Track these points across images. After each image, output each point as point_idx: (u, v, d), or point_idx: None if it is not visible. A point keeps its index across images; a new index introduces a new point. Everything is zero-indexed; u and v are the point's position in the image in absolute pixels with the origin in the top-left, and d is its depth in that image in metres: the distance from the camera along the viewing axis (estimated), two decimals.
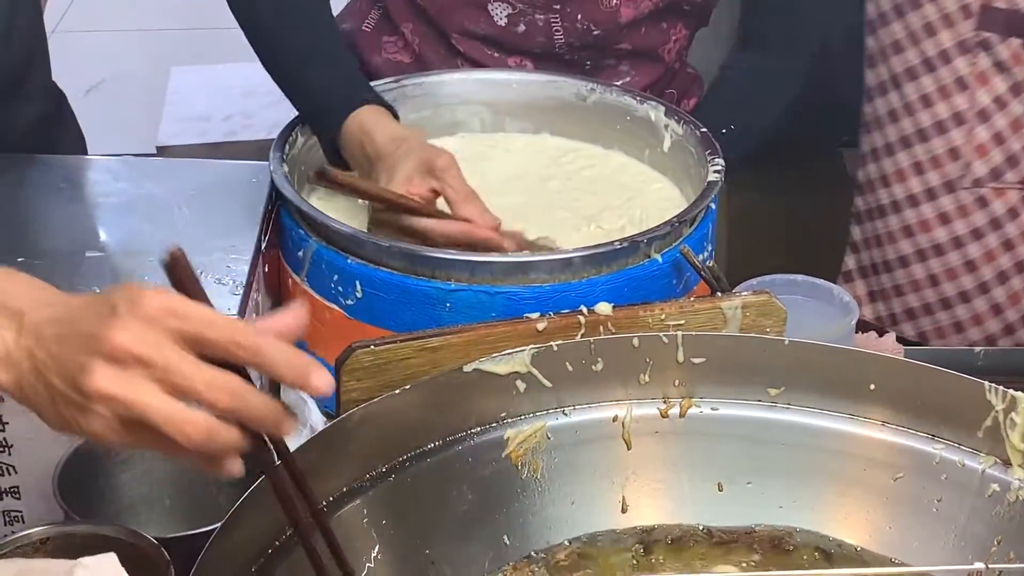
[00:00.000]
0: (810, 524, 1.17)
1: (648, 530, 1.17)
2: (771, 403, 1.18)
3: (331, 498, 1.06)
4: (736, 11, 1.85)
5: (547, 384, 1.16)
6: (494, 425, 1.15)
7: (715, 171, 1.48)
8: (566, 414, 1.17)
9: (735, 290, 1.34)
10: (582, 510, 1.17)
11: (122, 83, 3.76)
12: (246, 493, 0.98)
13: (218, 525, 0.97)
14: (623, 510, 1.18)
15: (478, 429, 1.15)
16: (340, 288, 1.38)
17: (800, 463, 1.17)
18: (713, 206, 1.47)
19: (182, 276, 0.88)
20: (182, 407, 0.85)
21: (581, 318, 1.21)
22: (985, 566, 1.09)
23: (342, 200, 1.52)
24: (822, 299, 1.41)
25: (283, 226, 1.46)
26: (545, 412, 1.17)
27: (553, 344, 1.16)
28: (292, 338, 0.89)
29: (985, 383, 1.12)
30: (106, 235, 1.44)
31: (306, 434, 1.36)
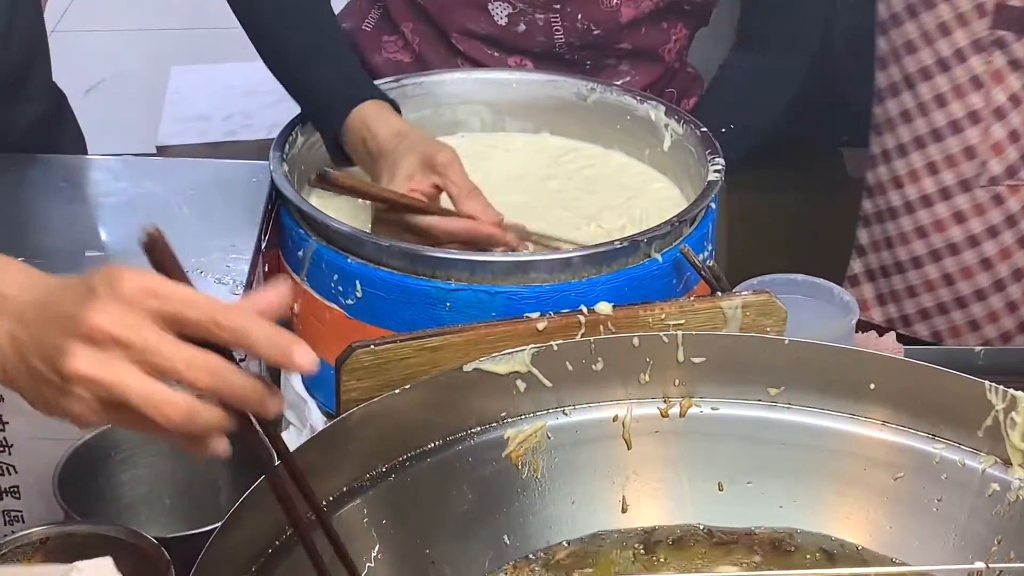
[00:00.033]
0: (810, 524, 1.17)
1: (648, 530, 1.17)
2: (771, 403, 1.18)
3: (331, 498, 1.06)
4: (736, 11, 1.84)
5: (547, 384, 1.16)
6: (494, 425, 1.15)
7: (715, 171, 1.48)
8: (566, 414, 1.17)
9: (735, 290, 1.34)
10: (582, 510, 1.17)
11: (122, 83, 3.76)
12: (246, 493, 0.98)
13: (218, 525, 0.97)
14: (623, 510, 1.17)
15: (478, 429, 1.15)
16: (340, 288, 1.38)
17: (800, 463, 1.17)
18: (713, 206, 1.47)
19: (161, 256, 0.87)
20: (162, 387, 0.84)
21: (581, 318, 1.21)
22: (985, 565, 1.09)
23: (342, 200, 1.52)
24: (822, 299, 1.41)
25: (283, 226, 1.46)
26: (545, 412, 1.17)
27: (553, 344, 1.16)
28: (275, 316, 0.88)
29: (985, 383, 1.12)
30: (106, 235, 1.44)
31: (306, 434, 1.37)
